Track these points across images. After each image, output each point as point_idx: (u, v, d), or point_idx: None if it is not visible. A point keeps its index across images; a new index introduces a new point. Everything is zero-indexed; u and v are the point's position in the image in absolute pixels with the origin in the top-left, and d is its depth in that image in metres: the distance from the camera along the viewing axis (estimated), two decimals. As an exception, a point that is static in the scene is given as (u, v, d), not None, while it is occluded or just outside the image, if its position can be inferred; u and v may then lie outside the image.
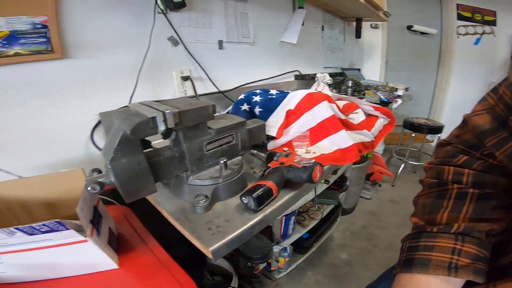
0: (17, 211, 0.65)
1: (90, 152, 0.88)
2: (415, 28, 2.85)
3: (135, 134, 0.45)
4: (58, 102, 0.80)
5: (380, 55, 2.65)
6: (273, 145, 0.88)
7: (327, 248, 1.80)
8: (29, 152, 0.78)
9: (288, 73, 1.67)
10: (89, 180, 0.48)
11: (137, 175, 0.50)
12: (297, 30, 1.60)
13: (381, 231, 1.95)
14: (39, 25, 0.72)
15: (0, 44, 0.69)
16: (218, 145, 0.62)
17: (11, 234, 0.44)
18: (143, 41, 0.95)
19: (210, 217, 0.57)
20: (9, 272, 0.52)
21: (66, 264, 0.55)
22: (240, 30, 1.35)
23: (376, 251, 1.76)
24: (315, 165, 0.65)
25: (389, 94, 1.65)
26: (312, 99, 0.91)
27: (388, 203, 2.29)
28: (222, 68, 1.26)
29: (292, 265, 1.55)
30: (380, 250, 1.76)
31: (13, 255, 0.49)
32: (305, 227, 1.51)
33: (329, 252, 1.76)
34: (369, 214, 2.15)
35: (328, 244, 1.82)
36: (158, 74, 1.02)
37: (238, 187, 0.65)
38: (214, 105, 0.55)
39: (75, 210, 0.68)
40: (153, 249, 0.66)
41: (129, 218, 0.79)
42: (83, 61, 0.83)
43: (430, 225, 0.41)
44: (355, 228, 2.00)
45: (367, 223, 2.04)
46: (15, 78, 0.72)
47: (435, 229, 0.39)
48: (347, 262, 1.68)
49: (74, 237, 0.50)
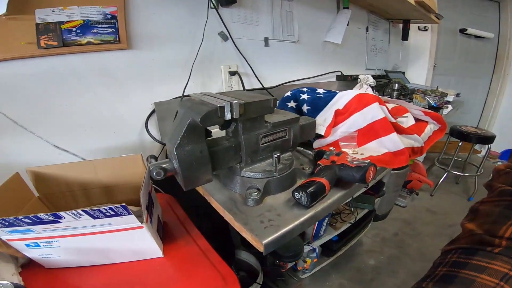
0: (77, 193, 0.69)
1: (143, 139, 0.93)
2: (469, 31, 2.64)
3: (204, 122, 0.46)
4: (121, 91, 0.86)
5: (427, 58, 2.49)
6: (319, 144, 0.87)
7: (355, 252, 1.75)
8: (92, 136, 0.84)
9: (330, 73, 1.64)
10: (154, 165, 0.50)
11: (198, 163, 0.52)
12: (342, 30, 1.56)
13: (413, 240, 1.86)
14: (109, 16, 0.78)
15: (74, 33, 0.75)
16: (272, 139, 0.63)
17: (77, 216, 0.46)
18: (196, 35, 0.99)
19: (261, 210, 0.57)
20: (63, 257, 0.55)
21: (117, 250, 0.57)
22: (285, 28, 1.35)
23: (406, 259, 1.68)
24: (369, 166, 0.63)
25: (439, 100, 1.55)
26: (362, 100, 0.88)
27: (424, 213, 2.18)
28: (267, 65, 1.27)
29: (317, 267, 1.53)
30: (410, 259, 1.69)
31: (71, 239, 0.51)
32: (337, 229, 1.48)
33: (356, 257, 1.72)
34: (402, 222, 2.06)
35: (356, 249, 1.77)
36: (208, 67, 1.06)
37: (288, 182, 0.65)
38: (275, 99, 0.55)
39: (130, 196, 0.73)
40: (196, 239, 0.67)
41: (173, 207, 0.81)
42: (144, 52, 0.88)
43: (490, 236, 0.37)
44: (385, 235, 1.93)
45: (399, 231, 1.96)
46: (85, 67, 0.79)
47: (497, 250, 0.35)
48: (374, 268, 1.62)
49: (133, 222, 0.51)
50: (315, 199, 0.58)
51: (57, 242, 0.52)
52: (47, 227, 0.48)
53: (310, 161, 0.80)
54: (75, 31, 0.75)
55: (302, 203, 0.58)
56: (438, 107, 1.52)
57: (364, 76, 1.69)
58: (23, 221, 0.45)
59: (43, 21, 0.70)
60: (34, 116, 0.74)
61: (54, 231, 0.49)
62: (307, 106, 0.91)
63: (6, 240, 0.50)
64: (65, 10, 0.73)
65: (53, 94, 0.76)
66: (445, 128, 1.12)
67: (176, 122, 0.54)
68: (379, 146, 0.85)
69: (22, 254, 0.54)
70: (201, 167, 0.53)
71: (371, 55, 2.01)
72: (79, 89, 0.79)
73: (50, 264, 0.57)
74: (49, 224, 0.47)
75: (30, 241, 0.51)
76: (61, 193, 0.68)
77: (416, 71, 2.55)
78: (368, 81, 1.66)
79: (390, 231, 1.96)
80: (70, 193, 0.69)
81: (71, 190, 0.68)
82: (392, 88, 1.63)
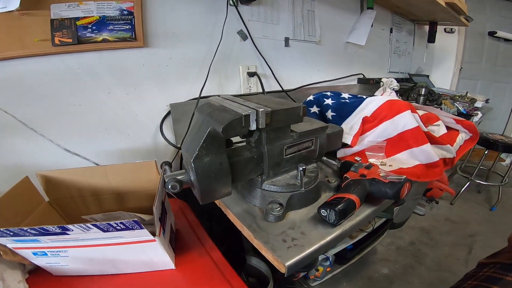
0: (88, 199, 0.66)
1: (157, 142, 0.90)
2: (498, 34, 2.49)
3: (226, 132, 0.41)
4: (137, 91, 0.83)
5: (453, 62, 2.36)
6: (344, 153, 0.81)
7: (368, 261, 1.69)
8: (106, 138, 0.81)
9: (351, 76, 1.56)
10: (170, 178, 0.46)
11: (217, 176, 0.47)
12: (366, 32, 1.48)
13: (431, 249, 1.79)
14: (125, 12, 0.74)
15: (89, 30, 0.71)
16: (297, 150, 0.57)
17: (86, 230, 0.44)
18: (214, 33, 0.94)
19: (284, 227, 0.53)
20: (71, 265, 0.52)
21: (128, 261, 0.54)
22: (307, 28, 1.28)
23: (421, 269, 1.61)
24: (405, 182, 0.57)
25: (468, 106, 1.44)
26: (393, 107, 0.81)
27: (444, 222, 2.09)
28: (286, 66, 1.21)
29: (328, 274, 1.48)
30: (426, 268, 1.61)
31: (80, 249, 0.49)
32: (353, 238, 1.43)
33: (370, 265, 1.66)
34: (420, 231, 1.99)
35: (369, 257, 1.71)
36: (225, 68, 1.01)
37: (312, 196, 0.60)
38: (304, 107, 0.50)
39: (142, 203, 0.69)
40: (209, 250, 0.64)
41: (186, 213, 0.78)
42: (161, 50, 0.84)
43: None
44: (401, 243, 1.86)
45: (415, 240, 1.88)
46: (100, 65, 0.75)
47: None
48: (387, 277, 1.57)
49: (145, 236, 0.48)
50: (343, 217, 0.53)
51: (65, 252, 0.50)
52: (54, 238, 0.45)
53: (335, 172, 0.74)
54: (91, 27, 0.71)
55: (328, 221, 0.53)
56: (468, 114, 1.42)
57: (387, 79, 1.60)
58: (28, 232, 0.43)
59: (58, 17, 0.67)
60: (46, 117, 0.71)
61: (62, 242, 0.47)
62: (331, 112, 0.85)
63: (12, 248, 0.48)
64: (81, 5, 0.69)
65: (66, 94, 0.72)
66: (477, 137, 1.05)
67: (194, 129, 0.49)
68: (410, 157, 0.78)
69: (29, 261, 0.52)
70: (220, 180, 0.48)
71: (395, 57, 1.91)
72: (94, 88, 0.76)
73: (58, 272, 0.55)
74: (56, 236, 0.44)
75: (37, 250, 0.49)
76: (71, 198, 0.66)
77: (440, 74, 2.43)
78: (391, 85, 1.57)
79: (406, 240, 1.89)
80: (81, 199, 0.67)
81: (82, 195, 0.66)
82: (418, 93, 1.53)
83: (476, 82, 2.66)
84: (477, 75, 2.65)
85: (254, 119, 0.43)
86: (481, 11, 2.45)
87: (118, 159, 0.84)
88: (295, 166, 0.59)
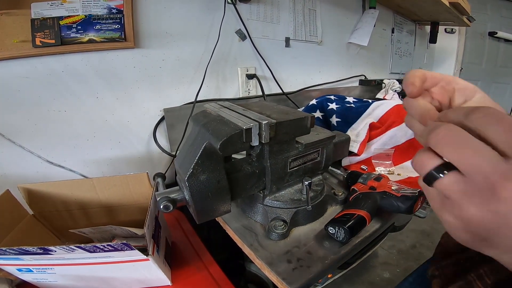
0: (75, 212, 0.62)
1: (151, 149, 0.84)
2: (499, 34, 2.47)
3: (224, 149, 0.36)
4: (127, 95, 0.77)
5: (454, 62, 2.33)
6: (349, 161, 0.76)
7: (369, 265, 1.65)
8: (94, 146, 0.75)
9: (353, 77, 1.51)
10: (162, 197, 0.40)
11: (214, 194, 0.42)
12: (368, 32, 1.43)
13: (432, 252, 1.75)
14: (114, 10, 0.68)
15: (74, 30, 0.66)
16: (302, 162, 0.52)
17: (70, 251, 0.40)
18: (211, 33, 0.89)
19: (288, 246, 0.48)
20: (60, 282, 0.49)
21: (120, 279, 0.51)
22: (308, 27, 1.23)
23: None
24: (419, 196, 0.53)
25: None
26: (402, 112, 0.77)
27: (444, 224, 2.07)
28: (287, 67, 1.15)
29: (329, 280, 1.44)
30: None
31: (67, 268, 0.46)
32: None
33: (371, 270, 1.62)
34: (421, 234, 1.94)
35: (370, 261, 1.68)
36: (223, 70, 0.95)
37: (318, 212, 0.55)
38: (313, 117, 0.44)
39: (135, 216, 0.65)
40: (207, 265, 0.60)
41: (182, 223, 0.75)
42: (153, 51, 0.78)
43: None
44: (402, 247, 1.81)
45: (417, 243, 1.83)
46: (87, 68, 0.70)
47: None
48: (389, 281, 1.53)
49: (137, 256, 0.45)
50: (353, 234, 0.48)
51: (51, 269, 0.46)
52: (37, 257, 0.42)
53: (340, 182, 0.69)
54: (76, 27, 0.65)
55: (337, 239, 0.48)
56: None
57: (389, 81, 1.56)
58: (8, 252, 0.40)
59: (39, 16, 0.61)
60: (25, 126, 0.65)
61: (46, 260, 0.43)
62: (336, 117, 0.80)
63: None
64: (65, 3, 0.63)
65: (49, 99, 0.67)
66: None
67: (188, 142, 0.44)
68: None
69: (15, 276, 0.48)
70: (218, 199, 0.43)
71: (396, 58, 1.87)
72: (80, 93, 0.70)
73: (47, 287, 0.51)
74: (39, 255, 0.41)
75: (21, 266, 0.46)
76: (57, 212, 0.61)
77: (441, 75, 2.39)
78: (393, 87, 1.53)
79: (407, 243, 1.84)
80: (67, 212, 0.62)
81: (69, 209, 0.62)
82: (421, 95, 1.49)
83: (476, 82, 2.63)
84: (477, 76, 2.62)
85: (256, 133, 0.38)
86: (482, 11, 2.41)
87: (109, 169, 0.78)
88: (299, 180, 0.54)
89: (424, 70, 0.28)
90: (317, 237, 0.51)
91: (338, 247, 0.48)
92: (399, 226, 2.00)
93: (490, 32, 2.52)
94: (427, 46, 2.22)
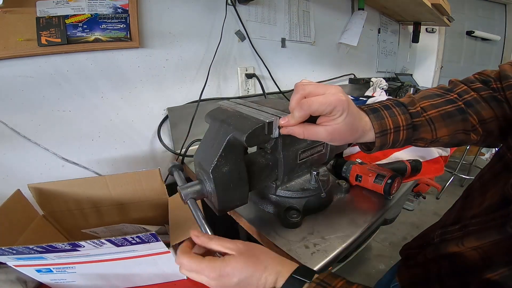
0: (87, 211, 0.62)
1: (155, 148, 0.85)
2: (476, 34, 2.61)
3: (250, 141, 0.39)
4: (132, 95, 0.77)
5: (434, 61, 2.45)
6: (349, 152, 0.82)
7: (364, 257, 1.74)
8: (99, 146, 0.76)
9: (343, 76, 1.57)
10: (187, 191, 0.42)
11: (235, 185, 0.44)
12: (358, 32, 1.49)
13: None
14: (120, 9, 0.69)
15: (80, 29, 0.66)
16: (310, 154, 0.55)
17: (99, 245, 0.40)
18: (213, 33, 0.91)
19: (303, 233, 0.52)
20: (78, 282, 0.49)
21: (139, 274, 0.52)
22: (302, 28, 1.27)
23: None
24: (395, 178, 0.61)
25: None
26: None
27: (432, 216, 2.17)
28: (283, 67, 1.19)
29: None
30: None
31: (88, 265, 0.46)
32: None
33: (366, 262, 1.71)
34: (410, 226, 2.06)
35: (365, 254, 1.77)
36: (224, 69, 0.97)
37: (326, 200, 0.58)
38: (323, 110, 0.47)
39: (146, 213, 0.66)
40: None
41: None
42: (157, 51, 0.79)
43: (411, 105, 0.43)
44: (394, 239, 1.92)
45: (407, 235, 1.95)
46: (92, 67, 0.70)
47: None
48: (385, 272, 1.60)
49: (160, 248, 0.45)
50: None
51: (72, 268, 0.46)
52: (63, 254, 0.42)
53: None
54: (81, 26, 0.66)
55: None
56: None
57: (377, 79, 1.63)
58: (34, 250, 0.39)
59: (45, 15, 0.61)
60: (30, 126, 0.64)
61: (70, 258, 0.43)
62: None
63: (13, 265, 0.44)
64: (71, 2, 0.63)
65: (54, 99, 0.66)
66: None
67: (209, 136, 0.46)
68: (412, 154, 0.81)
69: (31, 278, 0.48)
70: (238, 189, 0.45)
71: (382, 57, 1.95)
72: (85, 92, 0.70)
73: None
74: (65, 252, 0.41)
75: (41, 267, 0.45)
76: (68, 211, 0.61)
77: (423, 73, 2.51)
78: (381, 85, 1.60)
79: (399, 235, 1.95)
80: (79, 211, 0.62)
81: (81, 208, 0.61)
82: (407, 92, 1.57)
83: (456, 80, 2.77)
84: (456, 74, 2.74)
85: (277, 126, 0.41)
86: (459, 11, 2.54)
87: (113, 168, 0.78)
88: (307, 171, 0.58)
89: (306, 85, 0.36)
90: (328, 223, 0.54)
91: (349, 232, 0.52)
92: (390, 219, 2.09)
93: (468, 32, 2.67)
94: (409, 45, 2.33)
